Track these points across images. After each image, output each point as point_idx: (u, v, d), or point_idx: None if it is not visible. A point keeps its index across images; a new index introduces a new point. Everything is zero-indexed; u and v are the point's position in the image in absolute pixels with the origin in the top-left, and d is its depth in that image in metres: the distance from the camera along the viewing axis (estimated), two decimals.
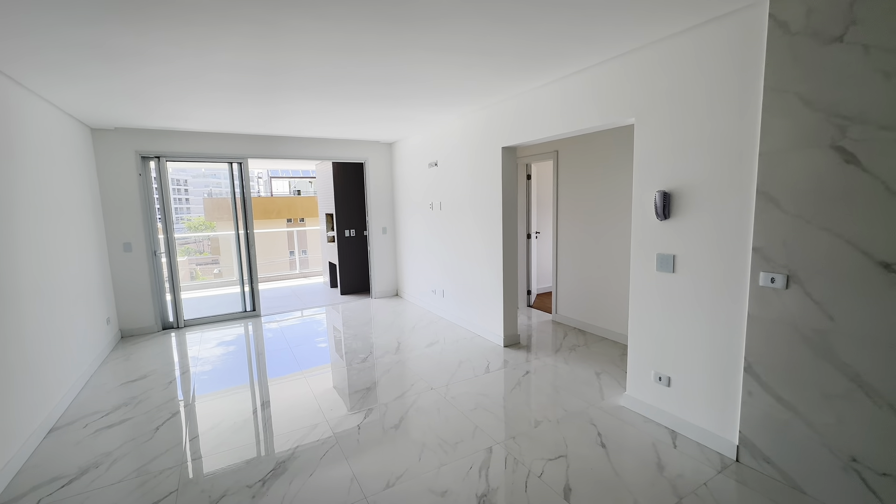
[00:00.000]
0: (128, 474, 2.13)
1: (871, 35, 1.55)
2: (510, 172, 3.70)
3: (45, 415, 2.58)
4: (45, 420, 2.56)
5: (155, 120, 3.93)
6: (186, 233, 28.21)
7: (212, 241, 22.27)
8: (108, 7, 1.72)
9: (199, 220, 35.26)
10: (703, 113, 2.12)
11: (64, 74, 2.50)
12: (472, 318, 4.30)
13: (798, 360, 1.83)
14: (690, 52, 2.15)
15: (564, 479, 2.00)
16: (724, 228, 2.07)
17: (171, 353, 3.96)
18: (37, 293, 2.62)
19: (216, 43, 2.12)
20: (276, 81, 2.81)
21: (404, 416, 2.65)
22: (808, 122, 1.73)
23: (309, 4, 1.76)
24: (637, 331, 2.57)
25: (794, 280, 1.81)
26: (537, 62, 2.59)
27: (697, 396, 2.27)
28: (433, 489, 1.96)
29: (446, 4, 1.81)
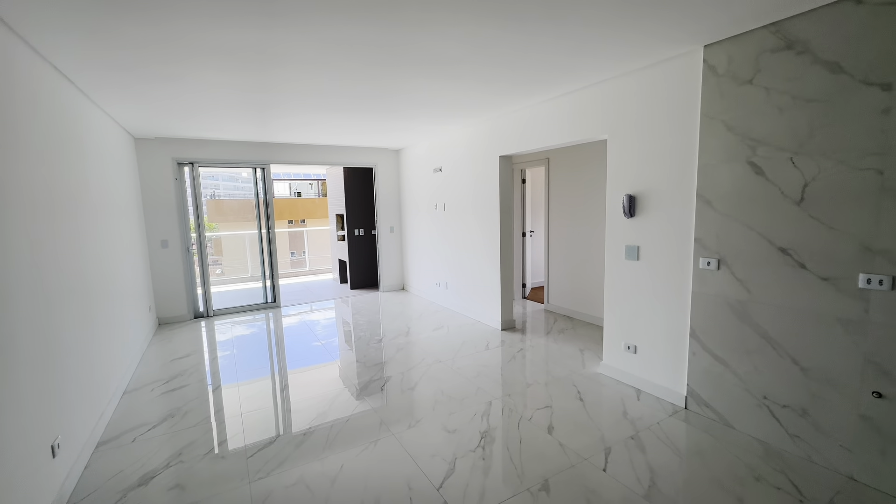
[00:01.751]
0: (199, 421, 2.66)
1: (770, 80, 2.10)
2: (507, 178, 4.25)
3: (118, 381, 3.09)
4: (119, 385, 3.08)
5: (189, 130, 4.44)
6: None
7: (214, 242, 22.77)
8: (152, 45, 2.26)
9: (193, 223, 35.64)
10: (658, 132, 2.68)
11: (122, 92, 2.95)
12: (473, 307, 4.84)
13: (727, 324, 2.37)
14: (648, 85, 2.70)
15: (549, 421, 2.54)
16: (674, 224, 2.62)
17: (209, 336, 4.47)
18: (103, 280, 3.13)
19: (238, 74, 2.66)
20: (296, 103, 3.34)
21: (418, 381, 3.18)
22: (730, 143, 2.28)
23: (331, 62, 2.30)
24: (610, 310, 3.12)
25: (724, 263, 2.36)
26: (528, 88, 3.14)
27: (656, 360, 2.82)
28: (446, 428, 2.49)
29: (455, 52, 2.35)
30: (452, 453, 2.24)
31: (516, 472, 2.08)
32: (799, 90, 2.00)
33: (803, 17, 1.97)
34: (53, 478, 1.88)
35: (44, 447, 1.83)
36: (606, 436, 2.37)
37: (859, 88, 1.82)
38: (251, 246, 8.50)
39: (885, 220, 1.78)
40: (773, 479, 1.97)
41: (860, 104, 1.82)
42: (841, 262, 1.92)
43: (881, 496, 1.83)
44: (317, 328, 4.75)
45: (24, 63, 1.98)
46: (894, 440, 1.82)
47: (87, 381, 2.43)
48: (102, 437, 2.50)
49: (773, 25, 2.07)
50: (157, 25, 1.92)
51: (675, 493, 1.90)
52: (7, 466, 1.54)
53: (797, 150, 2.03)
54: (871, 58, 1.78)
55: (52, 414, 1.93)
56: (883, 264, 1.80)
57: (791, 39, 2.01)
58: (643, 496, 1.89)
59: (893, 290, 1.78)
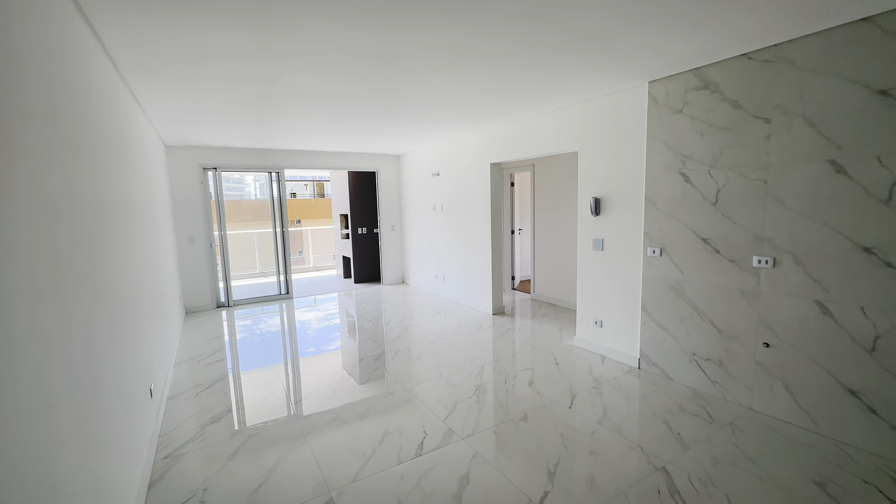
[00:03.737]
0: (244, 383, 3.26)
1: (694, 111, 2.77)
2: (497, 182, 4.90)
3: (172, 354, 3.68)
4: (171, 358, 3.66)
5: (214, 139, 5.01)
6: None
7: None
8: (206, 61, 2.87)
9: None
10: (616, 147, 3.34)
11: (168, 102, 3.51)
12: (467, 296, 5.47)
13: (667, 299, 3.03)
14: (608, 109, 3.36)
15: (530, 378, 3.19)
16: (629, 221, 3.28)
17: (235, 321, 5.05)
18: (149, 268, 3.71)
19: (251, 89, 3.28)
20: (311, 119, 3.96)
21: (422, 353, 3.81)
22: (668, 158, 2.95)
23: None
24: (582, 292, 3.77)
25: (665, 251, 3.03)
26: (514, 108, 3.79)
27: (617, 331, 3.47)
28: (447, 384, 3.12)
29: (450, 84, 2.99)
30: (454, 400, 2.87)
31: (503, 410, 2.72)
32: (713, 120, 2.67)
33: (715, 66, 2.63)
34: (152, 411, 2.48)
35: (146, 389, 2.42)
36: (574, 387, 3.02)
37: (751, 121, 2.49)
38: (260, 244, 9.04)
39: (769, 217, 2.45)
40: (694, 410, 2.63)
41: (751, 132, 2.49)
42: (742, 248, 2.59)
43: (769, 419, 2.50)
44: (329, 314, 5.35)
45: (101, 69, 2.57)
46: (778, 378, 2.48)
47: (157, 350, 3.02)
48: (169, 393, 3.09)
49: (695, 70, 2.74)
50: (210, 40, 2.53)
51: (620, 419, 2.55)
52: (130, 398, 2.13)
53: (712, 164, 2.70)
54: (758, 99, 2.45)
55: (146, 367, 2.52)
56: (768, 249, 2.47)
57: (707, 81, 2.68)
58: (596, 422, 2.53)
59: (775, 267, 2.45)
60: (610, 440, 2.35)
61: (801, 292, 2.34)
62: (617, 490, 1.94)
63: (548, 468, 2.11)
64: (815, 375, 2.32)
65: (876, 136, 2.04)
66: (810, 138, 2.25)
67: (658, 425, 2.49)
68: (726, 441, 2.30)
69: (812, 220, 2.28)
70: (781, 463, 2.10)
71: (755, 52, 2.44)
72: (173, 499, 1.97)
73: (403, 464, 2.17)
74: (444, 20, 1.95)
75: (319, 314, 5.37)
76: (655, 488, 1.94)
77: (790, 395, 2.43)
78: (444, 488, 1.98)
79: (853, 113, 2.10)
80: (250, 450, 2.35)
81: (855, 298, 2.15)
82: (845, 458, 2.11)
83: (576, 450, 2.27)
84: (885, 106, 2.00)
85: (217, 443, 2.43)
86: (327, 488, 2.00)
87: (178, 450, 2.37)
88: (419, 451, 2.28)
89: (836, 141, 2.17)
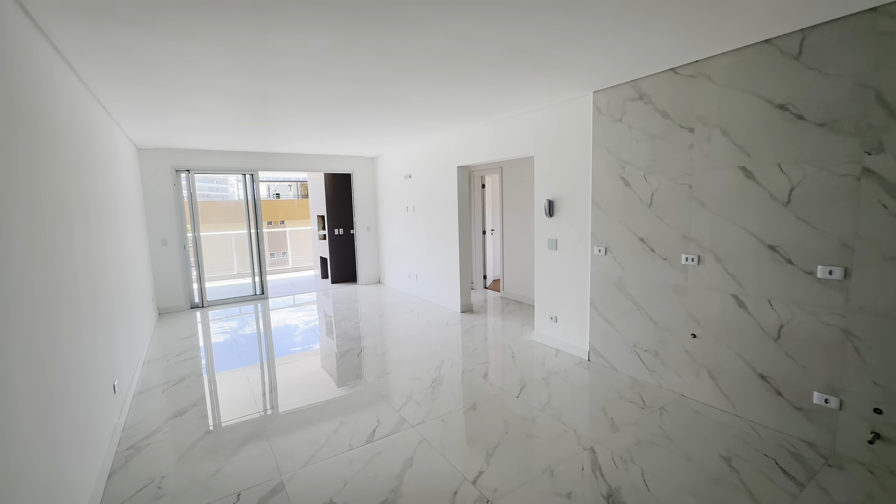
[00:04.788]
0: (211, 379, 3.37)
1: (631, 120, 2.99)
2: (464, 184, 5.08)
3: (141, 352, 3.76)
4: (140, 356, 3.74)
5: (187, 142, 5.09)
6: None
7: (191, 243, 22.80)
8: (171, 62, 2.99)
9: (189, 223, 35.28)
10: (567, 153, 3.54)
11: (138, 108, 3.62)
12: (438, 295, 5.64)
13: (611, 295, 3.25)
14: (560, 117, 3.57)
15: (485, 371, 3.37)
16: (578, 221, 3.49)
17: (207, 321, 5.13)
18: (116, 268, 3.80)
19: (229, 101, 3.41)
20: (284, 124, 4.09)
21: (388, 349, 3.97)
22: (610, 163, 3.16)
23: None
24: (540, 290, 3.98)
25: (609, 250, 3.24)
26: (475, 116, 3.97)
27: (570, 326, 3.68)
28: (407, 377, 3.28)
29: (415, 98, 3.16)
30: (411, 391, 3.04)
31: (454, 399, 2.89)
32: (647, 128, 2.89)
33: (648, 79, 2.85)
34: (116, 406, 2.59)
35: (109, 385, 2.53)
36: (525, 378, 3.21)
37: (678, 130, 2.71)
38: (237, 245, 9.07)
39: (693, 219, 2.68)
40: (631, 397, 2.84)
41: (678, 140, 2.72)
42: (672, 247, 2.81)
43: (696, 404, 2.72)
44: (302, 313, 5.46)
45: (59, 75, 2.67)
46: (703, 365, 2.71)
47: (124, 348, 3.12)
48: (136, 390, 3.19)
49: (631, 82, 2.95)
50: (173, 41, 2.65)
51: (562, 407, 2.75)
52: (92, 393, 2.24)
53: (647, 169, 2.92)
54: (683, 110, 2.68)
55: (109, 364, 2.63)
56: (694, 248, 2.69)
57: (641, 93, 2.90)
58: (539, 410, 2.73)
59: (699, 265, 2.67)
60: (548, 425, 2.54)
61: (721, 287, 2.57)
62: (545, 468, 2.13)
63: (486, 451, 2.29)
64: (733, 362, 2.55)
65: (777, 145, 2.27)
66: (725, 147, 2.48)
67: (595, 411, 2.69)
68: (653, 423, 2.51)
69: (727, 221, 2.51)
70: (697, 441, 2.31)
71: (680, 67, 2.66)
72: (132, 485, 2.09)
73: (354, 450, 2.33)
74: (396, 35, 2.12)
75: (292, 314, 5.48)
76: (580, 466, 2.14)
77: (713, 380, 2.66)
78: (388, 470, 2.15)
79: (759, 124, 2.33)
80: (211, 441, 2.48)
81: (763, 292, 2.38)
82: (754, 435, 2.34)
83: (515, 434, 2.45)
84: (784, 119, 2.23)
85: (179, 435, 2.55)
86: (279, 473, 2.15)
87: (141, 441, 2.49)
88: (370, 439, 2.43)
89: (745, 149, 2.40)
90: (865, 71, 1.95)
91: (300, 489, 2.02)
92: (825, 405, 2.19)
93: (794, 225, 2.23)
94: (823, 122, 2.10)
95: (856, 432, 2.10)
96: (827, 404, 2.18)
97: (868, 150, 1.97)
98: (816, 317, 2.18)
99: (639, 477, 2.04)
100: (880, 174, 1.94)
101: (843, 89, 2.02)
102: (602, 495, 1.92)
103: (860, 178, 2.00)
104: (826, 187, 2.11)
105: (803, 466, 2.07)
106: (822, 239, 2.14)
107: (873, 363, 2.02)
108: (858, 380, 2.07)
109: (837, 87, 2.04)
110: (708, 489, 1.94)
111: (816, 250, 2.16)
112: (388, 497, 1.95)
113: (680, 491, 1.93)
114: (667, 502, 1.86)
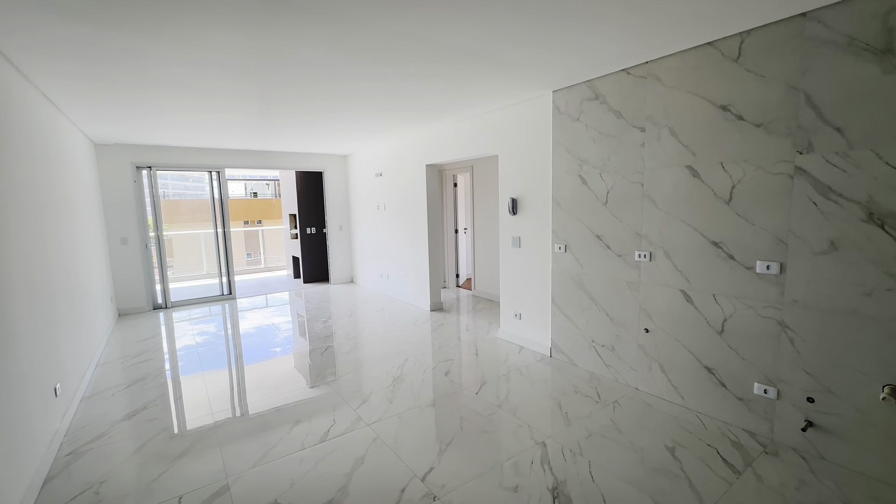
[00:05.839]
0: (166, 382, 3.28)
1: (588, 119, 3.04)
2: (433, 183, 5.08)
3: (94, 355, 3.62)
4: (92, 360, 3.61)
5: (147, 138, 4.93)
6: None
7: (166, 242, 22.07)
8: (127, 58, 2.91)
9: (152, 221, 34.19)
10: (529, 152, 3.58)
11: (89, 103, 3.48)
12: (408, 293, 5.63)
13: (571, 291, 3.30)
14: (522, 115, 3.60)
15: (447, 368, 3.38)
16: (540, 219, 3.54)
17: (168, 322, 4.98)
18: (62, 268, 3.66)
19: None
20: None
21: (352, 348, 3.93)
22: (568, 162, 3.21)
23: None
24: (505, 287, 4.01)
25: (569, 248, 3.29)
26: (441, 114, 3.97)
27: (534, 323, 3.72)
28: (368, 376, 3.26)
29: (384, 101, 3.13)
30: (370, 390, 3.02)
31: (414, 397, 2.89)
32: (602, 128, 2.95)
33: (602, 79, 2.91)
34: (58, 410, 2.49)
35: (49, 388, 2.43)
36: (486, 375, 3.23)
37: (630, 129, 2.78)
38: (206, 245, 8.85)
39: (646, 216, 2.74)
40: (587, 391, 2.90)
41: (630, 140, 2.78)
42: (626, 244, 2.87)
43: (649, 397, 2.79)
44: (269, 313, 5.37)
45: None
46: (655, 359, 2.78)
47: (70, 350, 3.00)
48: (86, 393, 3.08)
49: (588, 82, 3.01)
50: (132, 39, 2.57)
51: (518, 402, 2.78)
52: (31, 398, 2.15)
53: (602, 168, 2.97)
54: (634, 110, 2.74)
55: (51, 367, 2.52)
56: (646, 245, 2.76)
57: (597, 93, 2.96)
58: (497, 406, 2.75)
59: (651, 261, 2.74)
60: (503, 420, 2.56)
61: (670, 282, 2.64)
62: (495, 463, 2.15)
63: (439, 448, 2.29)
64: (681, 356, 2.62)
65: (719, 145, 2.34)
66: (673, 146, 2.55)
67: (551, 406, 2.73)
68: (605, 417, 2.56)
69: (675, 219, 2.58)
70: (645, 433, 2.37)
71: (632, 67, 2.72)
72: (68, 491, 2.01)
73: (306, 450, 2.30)
74: (341, 31, 2.09)
75: (259, 314, 5.38)
76: (530, 460, 2.16)
77: (664, 374, 2.73)
78: (338, 468, 2.13)
79: (702, 125, 2.40)
80: (158, 444, 2.41)
81: (708, 286, 2.45)
82: (699, 426, 2.42)
83: (470, 430, 2.46)
84: (725, 119, 2.31)
85: (126, 438, 2.47)
86: (226, 475, 2.10)
87: (84, 446, 2.40)
88: (324, 438, 2.41)
89: (691, 149, 2.47)
90: (796, 74, 2.03)
91: (245, 490, 1.98)
92: (764, 395, 2.27)
93: (736, 222, 2.31)
94: (760, 122, 2.18)
95: (791, 421, 2.18)
96: (766, 394, 2.26)
97: (800, 150, 2.05)
98: (755, 310, 2.26)
99: (585, 469, 2.07)
100: (811, 173, 2.03)
101: (776, 91, 2.10)
102: (548, 488, 1.95)
103: (793, 177, 2.08)
104: (763, 185, 2.19)
105: (742, 454, 2.14)
106: (759, 235, 2.22)
107: (805, 354, 2.11)
108: (793, 370, 2.16)
109: (772, 89, 2.12)
110: (649, 478, 1.99)
111: (755, 246, 2.24)
112: (334, 496, 1.93)
113: (622, 481, 1.98)
114: (609, 492, 1.90)
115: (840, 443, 2.03)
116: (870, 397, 1.93)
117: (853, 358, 1.96)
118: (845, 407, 2.00)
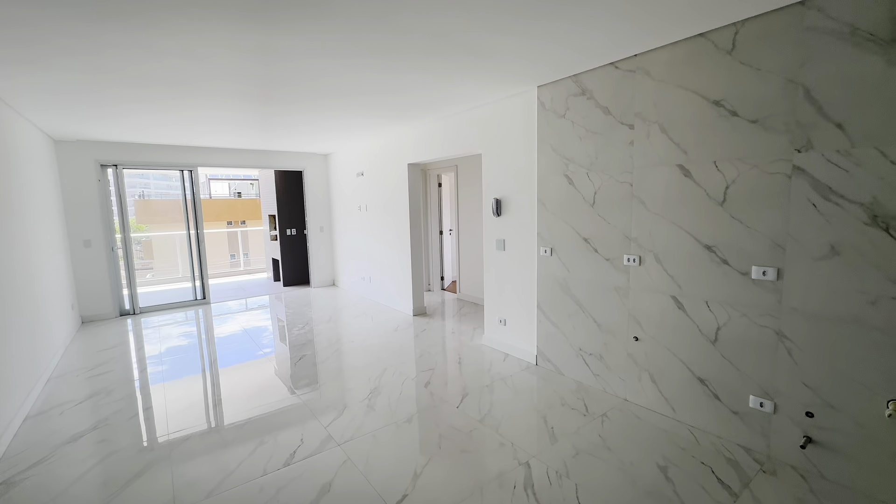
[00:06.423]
0: (124, 396, 3.02)
1: (574, 116, 2.88)
2: (416, 183, 4.89)
3: (42, 370, 3.34)
4: (43, 373, 3.33)
5: (113, 134, 4.64)
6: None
7: (144, 245, 21.36)
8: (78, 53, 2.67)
9: (130, 222, 33.24)
10: (513, 150, 3.42)
11: (43, 98, 3.23)
12: (390, 297, 5.43)
13: (557, 297, 3.14)
14: (506, 112, 3.44)
15: (428, 379, 3.19)
16: (525, 221, 3.37)
17: (135, 330, 4.70)
18: (29, 276, 3.38)
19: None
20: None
21: (328, 357, 3.72)
22: (554, 160, 3.05)
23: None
24: (489, 292, 3.84)
25: (555, 251, 3.13)
26: (423, 111, 3.79)
27: (519, 329, 3.56)
28: (343, 388, 3.06)
29: (361, 96, 2.93)
30: (343, 404, 2.82)
31: (390, 412, 2.69)
32: (589, 125, 2.80)
33: (589, 73, 2.76)
34: None
35: None
36: (468, 386, 3.06)
37: (618, 126, 2.63)
38: (182, 247, 8.51)
39: (634, 218, 2.60)
40: (574, 403, 2.74)
41: (619, 137, 2.63)
42: (614, 247, 2.73)
43: (639, 409, 2.64)
44: (244, 319, 5.11)
45: None
46: (645, 369, 2.64)
47: (12, 363, 2.73)
48: (30, 412, 2.81)
49: (574, 77, 2.85)
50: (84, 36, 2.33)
51: (502, 416, 2.61)
52: None
53: (590, 167, 2.82)
54: (623, 106, 2.59)
55: None
56: (636, 248, 2.61)
57: (584, 88, 2.80)
58: (479, 420, 2.57)
59: (640, 265, 2.60)
60: (485, 438, 2.39)
61: (661, 288, 2.50)
62: (474, 487, 1.97)
63: (415, 471, 2.11)
64: (673, 366, 2.48)
65: (713, 143, 2.21)
66: (663, 144, 2.41)
67: (536, 420, 2.56)
68: (593, 432, 2.40)
69: (666, 221, 2.43)
70: (635, 450, 2.22)
71: (620, 61, 2.58)
72: None
73: (268, 475, 2.09)
74: (310, 21, 1.89)
75: (233, 320, 5.11)
76: (513, 483, 1.99)
77: (654, 384, 2.59)
78: (301, 497, 1.92)
79: (694, 121, 2.26)
80: (104, 470, 2.17)
81: (700, 293, 2.32)
82: (692, 441, 2.27)
83: (449, 449, 2.28)
84: (718, 116, 2.17)
85: (68, 464, 2.23)
86: None
87: (20, 474, 2.15)
88: (289, 461, 2.20)
89: (682, 147, 2.33)
90: (794, 67, 1.90)
91: None
92: (760, 409, 2.14)
93: (730, 224, 2.17)
94: (756, 118, 2.04)
95: (789, 436, 2.05)
96: (762, 408, 2.13)
97: (798, 148, 1.92)
98: (750, 319, 2.13)
99: (572, 493, 1.91)
100: (810, 172, 1.90)
101: (773, 85, 1.97)
102: None
103: (791, 177, 1.95)
104: (758, 186, 2.06)
105: (738, 474, 2.00)
106: (755, 239, 2.09)
107: (804, 365, 1.97)
108: (790, 382, 2.02)
109: (768, 83, 1.99)
110: (641, 503, 1.83)
111: (750, 250, 2.11)
112: None
113: None
114: None
115: (842, 460, 1.90)
116: (873, 412, 1.80)
117: (855, 370, 1.83)
118: (847, 422, 1.87)
